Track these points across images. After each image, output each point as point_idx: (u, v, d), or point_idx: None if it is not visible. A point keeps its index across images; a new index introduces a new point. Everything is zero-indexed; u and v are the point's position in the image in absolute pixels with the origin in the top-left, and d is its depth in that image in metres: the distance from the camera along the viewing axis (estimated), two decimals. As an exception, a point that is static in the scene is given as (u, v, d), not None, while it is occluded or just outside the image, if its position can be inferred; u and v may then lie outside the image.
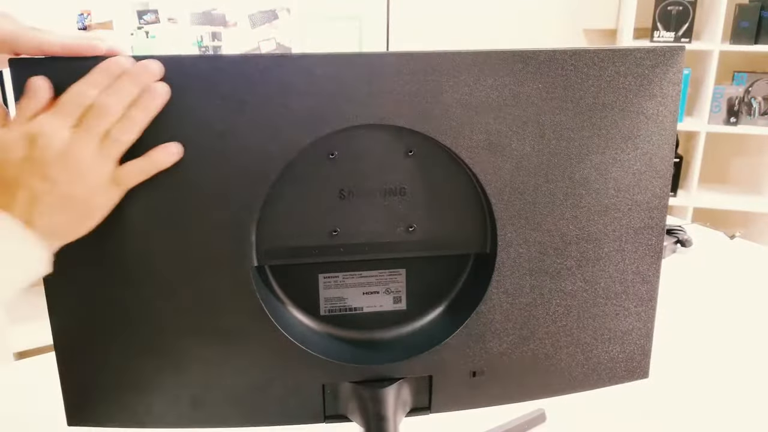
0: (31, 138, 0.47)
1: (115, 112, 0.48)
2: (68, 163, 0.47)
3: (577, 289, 0.59)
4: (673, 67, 0.55)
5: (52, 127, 0.47)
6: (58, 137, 0.47)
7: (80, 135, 0.48)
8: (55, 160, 0.47)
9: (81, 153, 0.47)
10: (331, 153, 0.53)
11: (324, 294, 0.58)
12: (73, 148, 0.47)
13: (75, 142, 0.47)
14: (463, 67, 0.52)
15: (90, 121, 0.48)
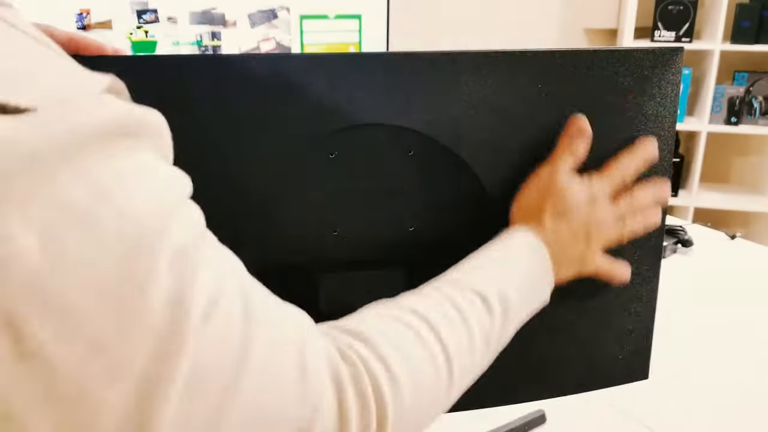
0: (592, 199, 0.54)
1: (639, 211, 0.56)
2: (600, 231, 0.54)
3: (576, 289, 0.59)
4: (672, 67, 0.55)
5: (605, 197, 0.54)
6: (605, 209, 0.54)
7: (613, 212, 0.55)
8: (596, 226, 0.54)
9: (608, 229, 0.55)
10: (331, 153, 0.53)
11: (324, 294, 0.58)
12: (608, 222, 0.54)
13: (609, 218, 0.54)
14: (463, 68, 0.52)
15: (624, 209, 0.55)
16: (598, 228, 0.53)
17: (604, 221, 0.54)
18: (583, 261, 0.54)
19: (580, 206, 0.53)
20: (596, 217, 0.53)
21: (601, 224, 0.54)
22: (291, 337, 0.34)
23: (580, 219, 0.53)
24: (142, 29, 1.93)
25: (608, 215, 0.54)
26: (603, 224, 0.54)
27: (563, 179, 0.53)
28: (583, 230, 0.53)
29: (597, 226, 0.53)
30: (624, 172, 0.55)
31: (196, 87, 0.49)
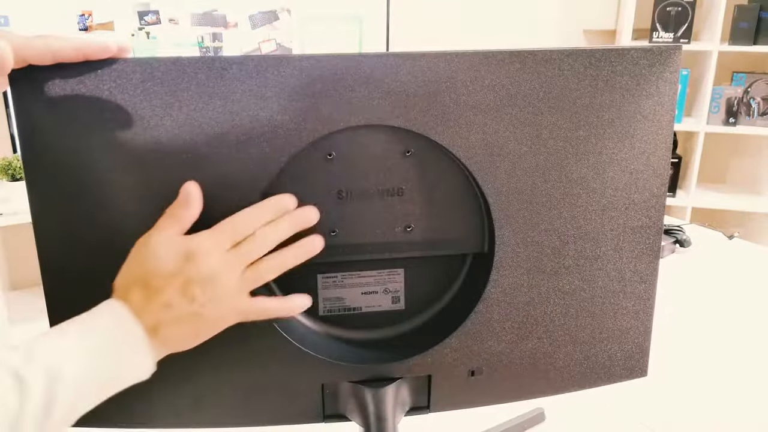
0: (188, 255, 0.49)
1: (269, 247, 0.51)
2: (213, 285, 0.49)
3: (575, 288, 0.59)
4: (669, 66, 0.56)
5: (210, 248, 0.49)
6: (213, 259, 0.49)
7: (230, 261, 0.50)
8: (201, 280, 0.49)
9: (227, 278, 0.50)
10: (329, 153, 0.53)
11: (323, 294, 0.58)
12: (221, 273, 0.49)
13: (224, 267, 0.49)
14: (462, 68, 0.52)
15: (245, 249, 0.50)
16: (202, 285, 0.49)
17: (209, 277, 0.49)
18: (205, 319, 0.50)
19: (170, 263, 0.48)
20: (203, 269, 0.48)
21: (205, 280, 0.49)
22: None
23: (177, 276, 0.48)
24: (144, 31, 1.94)
25: (217, 268, 0.49)
26: (209, 280, 0.49)
27: (152, 242, 0.49)
28: (190, 286, 0.48)
29: (198, 283, 0.48)
30: (244, 225, 0.50)
31: (196, 88, 0.50)
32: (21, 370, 0.42)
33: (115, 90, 0.49)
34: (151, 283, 0.48)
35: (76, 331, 0.46)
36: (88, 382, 0.45)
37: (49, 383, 0.42)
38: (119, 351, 0.47)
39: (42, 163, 0.50)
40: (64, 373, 0.43)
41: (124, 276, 0.50)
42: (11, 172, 1.77)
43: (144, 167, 0.51)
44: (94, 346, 0.46)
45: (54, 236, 0.52)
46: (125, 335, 0.47)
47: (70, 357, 0.44)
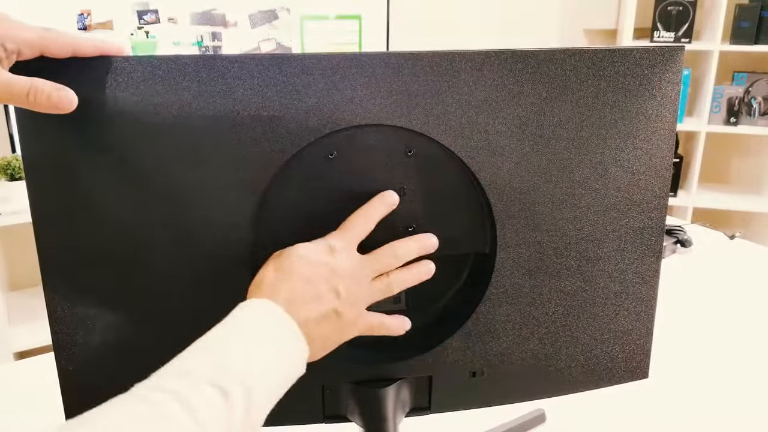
0: (330, 249, 0.51)
1: (399, 263, 0.53)
2: (353, 283, 0.51)
3: (576, 289, 0.59)
4: (672, 66, 0.55)
5: (345, 246, 0.51)
6: (350, 257, 0.51)
7: (363, 264, 0.52)
8: (344, 276, 0.50)
9: (362, 280, 0.51)
10: (331, 153, 0.53)
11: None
12: (358, 272, 0.51)
13: (359, 268, 0.51)
14: (463, 67, 0.52)
15: (376, 258, 0.53)
16: (345, 281, 0.50)
17: (350, 274, 0.50)
18: (343, 320, 0.50)
19: (308, 258, 0.50)
20: (344, 263, 0.50)
21: (347, 276, 0.50)
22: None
23: (313, 271, 0.49)
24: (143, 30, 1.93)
25: (355, 267, 0.51)
26: (350, 277, 0.50)
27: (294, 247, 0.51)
28: (324, 283, 0.49)
29: (342, 279, 0.50)
30: (365, 222, 0.52)
31: (197, 87, 0.49)
32: (219, 381, 0.41)
33: (116, 88, 0.49)
34: (299, 274, 0.49)
35: (241, 336, 0.45)
36: (269, 382, 0.45)
37: (247, 393, 0.42)
38: (281, 347, 0.47)
39: (42, 163, 0.50)
40: (254, 379, 0.43)
41: (264, 279, 0.50)
42: (11, 172, 1.77)
43: (143, 167, 0.50)
44: (265, 345, 0.46)
45: (54, 236, 0.51)
46: (282, 326, 0.47)
47: (249, 360, 0.44)
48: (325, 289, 0.49)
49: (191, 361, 0.43)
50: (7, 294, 1.99)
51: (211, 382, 0.41)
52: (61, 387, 0.55)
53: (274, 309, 0.47)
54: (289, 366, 0.47)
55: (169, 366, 0.43)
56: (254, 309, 0.48)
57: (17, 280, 2.07)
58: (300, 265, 0.50)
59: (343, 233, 0.52)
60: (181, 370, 0.42)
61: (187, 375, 0.41)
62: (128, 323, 0.54)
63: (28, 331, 1.81)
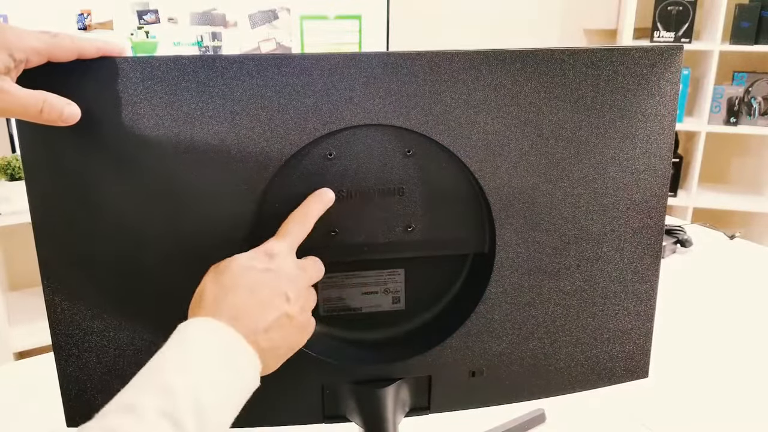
0: (270, 254, 0.49)
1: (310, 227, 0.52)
2: (297, 285, 0.49)
3: (576, 289, 0.59)
4: (671, 66, 0.55)
5: (284, 250, 0.50)
6: (290, 260, 0.50)
7: (300, 266, 0.51)
8: (289, 278, 0.49)
9: (304, 282, 0.50)
10: (330, 153, 0.53)
11: (323, 294, 0.58)
12: (300, 275, 0.50)
13: (300, 271, 0.50)
14: (462, 67, 0.52)
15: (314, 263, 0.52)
16: (290, 284, 0.48)
17: (294, 277, 0.49)
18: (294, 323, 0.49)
19: (248, 267, 0.48)
20: (280, 272, 0.48)
21: (292, 280, 0.49)
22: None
23: (256, 280, 0.47)
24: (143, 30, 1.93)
25: (297, 270, 0.50)
26: (295, 280, 0.49)
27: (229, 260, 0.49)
28: (269, 290, 0.47)
29: (287, 282, 0.48)
30: (303, 224, 0.51)
31: (197, 87, 0.49)
32: (174, 413, 0.39)
33: (115, 89, 0.49)
34: (241, 286, 0.47)
35: (186, 359, 0.43)
36: (222, 402, 0.43)
37: (197, 418, 0.40)
38: (231, 365, 0.44)
39: (42, 164, 0.50)
40: (204, 403, 0.41)
41: (204, 296, 0.47)
42: (11, 172, 1.77)
43: (143, 167, 0.50)
44: (212, 366, 0.43)
45: (54, 237, 0.51)
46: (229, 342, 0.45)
47: (198, 384, 0.41)
48: (271, 296, 0.47)
49: (136, 394, 0.41)
50: (7, 294, 1.99)
51: (161, 413, 0.39)
52: (60, 387, 0.55)
53: (218, 327, 0.45)
54: (241, 383, 0.45)
55: (113, 403, 0.40)
56: (198, 329, 0.45)
57: (17, 280, 2.07)
58: (241, 276, 0.47)
59: (281, 238, 0.50)
60: (126, 404, 0.40)
61: (134, 410, 0.39)
62: (128, 324, 0.54)
63: (28, 331, 1.81)
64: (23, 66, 0.45)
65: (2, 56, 0.43)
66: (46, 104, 0.45)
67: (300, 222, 0.51)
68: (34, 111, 0.45)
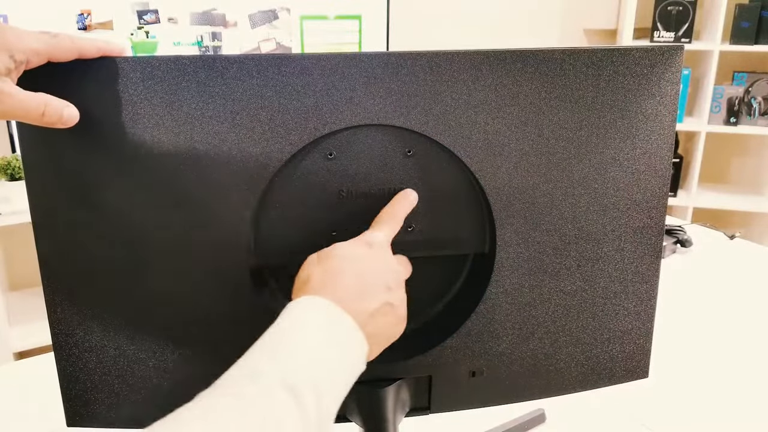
0: (370, 243, 0.50)
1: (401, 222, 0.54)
2: (398, 276, 0.51)
3: (576, 289, 0.59)
4: (671, 66, 0.55)
5: (383, 241, 0.51)
6: (389, 251, 0.51)
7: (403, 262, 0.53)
8: (390, 269, 0.50)
9: (403, 275, 0.52)
10: (330, 153, 0.53)
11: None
12: (399, 267, 0.52)
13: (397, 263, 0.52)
14: (462, 67, 0.52)
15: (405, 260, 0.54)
16: (392, 274, 0.50)
17: (394, 268, 0.50)
18: (396, 313, 0.50)
19: (352, 254, 0.49)
20: (382, 261, 0.50)
21: (393, 270, 0.50)
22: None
23: (361, 267, 0.48)
24: (143, 30, 1.93)
25: (396, 263, 0.51)
26: (395, 271, 0.50)
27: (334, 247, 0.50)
28: (373, 277, 0.49)
29: (389, 272, 0.50)
30: (394, 220, 0.53)
31: (197, 87, 0.49)
32: (295, 386, 0.40)
33: (115, 89, 0.49)
34: (347, 271, 0.48)
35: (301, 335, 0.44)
36: (335, 380, 0.43)
37: (314, 391, 0.41)
38: (342, 344, 0.45)
39: (42, 164, 0.50)
40: (320, 380, 0.41)
41: (311, 278, 0.48)
42: (11, 172, 1.77)
43: (143, 167, 0.50)
44: (325, 343, 0.44)
45: (54, 237, 0.51)
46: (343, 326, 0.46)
47: (315, 360, 0.42)
48: (375, 283, 0.48)
49: (260, 363, 0.41)
50: (7, 294, 1.99)
51: (284, 386, 0.39)
52: (61, 387, 0.55)
53: (328, 305, 0.46)
54: (351, 363, 0.45)
55: (236, 368, 0.41)
56: (309, 308, 0.46)
57: (17, 280, 2.07)
58: (345, 262, 0.49)
59: (377, 230, 0.52)
60: (251, 372, 0.41)
61: (259, 378, 0.40)
62: (128, 323, 0.54)
63: (28, 331, 1.81)
64: (23, 67, 0.45)
65: (3, 57, 0.43)
66: (48, 107, 0.45)
67: (393, 217, 0.53)
68: (35, 114, 0.45)
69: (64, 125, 0.47)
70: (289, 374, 0.40)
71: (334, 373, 0.43)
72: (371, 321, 0.47)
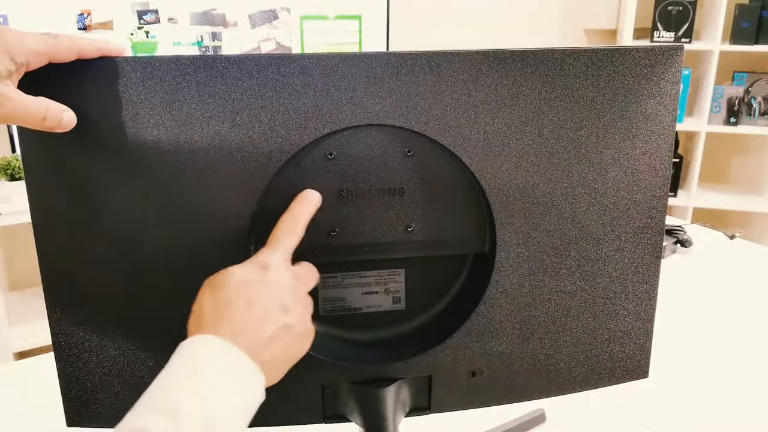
0: (263, 266, 0.49)
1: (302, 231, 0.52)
2: (295, 295, 0.49)
3: (576, 289, 0.59)
4: (671, 66, 0.55)
5: (278, 260, 0.49)
6: (285, 269, 0.49)
7: (302, 273, 0.51)
8: (286, 288, 0.49)
9: (302, 291, 0.50)
10: (330, 153, 0.53)
11: (323, 294, 0.58)
12: (296, 284, 0.50)
13: (294, 280, 0.50)
14: (462, 67, 0.52)
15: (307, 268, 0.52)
16: (287, 295, 0.48)
17: (290, 287, 0.49)
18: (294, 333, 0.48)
19: (242, 280, 0.47)
20: (275, 283, 0.48)
21: (288, 290, 0.48)
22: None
23: (252, 293, 0.47)
24: (143, 30, 1.93)
25: (292, 279, 0.50)
26: (291, 289, 0.49)
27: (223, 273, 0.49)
28: (266, 302, 0.47)
29: (284, 293, 0.48)
30: (293, 230, 0.51)
31: (197, 87, 0.49)
32: (181, 422, 0.39)
33: (115, 89, 0.49)
34: (238, 300, 0.46)
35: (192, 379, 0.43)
36: (230, 420, 0.43)
37: (207, 427, 0.40)
38: (236, 382, 0.44)
39: (42, 164, 0.50)
40: (212, 423, 0.41)
41: (203, 312, 0.47)
42: (11, 172, 1.77)
43: (143, 167, 0.50)
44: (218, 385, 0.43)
45: (54, 237, 0.51)
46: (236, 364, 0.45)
47: (205, 404, 0.41)
48: (268, 308, 0.47)
49: (144, 417, 0.40)
50: (7, 294, 1.99)
51: (172, 423, 0.39)
52: (61, 387, 0.55)
53: (220, 344, 0.45)
54: (247, 398, 0.45)
55: (120, 426, 0.40)
56: (201, 347, 0.45)
57: (17, 280, 2.07)
58: (237, 290, 0.47)
59: (273, 248, 0.50)
60: (134, 428, 0.39)
61: (145, 415, 0.40)
62: (128, 323, 0.54)
63: (28, 331, 1.81)
64: (24, 69, 0.45)
65: (3, 60, 0.43)
66: (48, 112, 0.45)
67: (290, 230, 0.51)
68: (36, 118, 0.45)
69: (63, 129, 0.47)
70: (177, 426, 0.39)
71: (230, 414, 0.42)
72: (267, 348, 0.46)
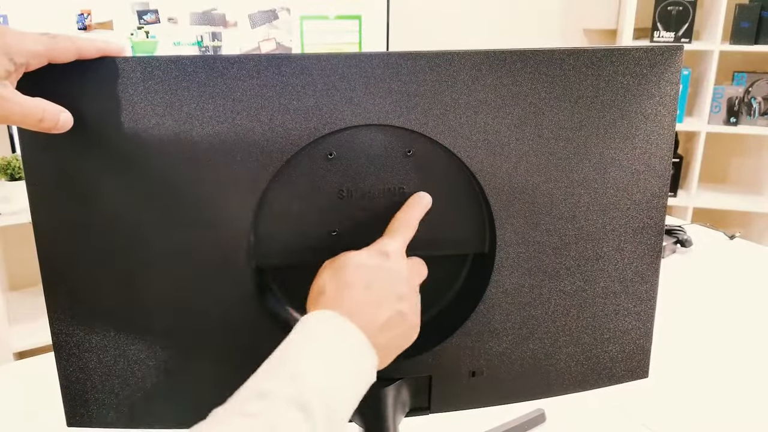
0: (383, 253, 0.50)
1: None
2: (411, 285, 0.51)
3: (576, 289, 0.59)
4: (671, 66, 0.55)
5: (397, 249, 0.51)
6: (403, 260, 0.51)
7: (416, 267, 0.53)
8: (402, 278, 0.50)
9: (415, 282, 0.52)
10: (330, 153, 0.53)
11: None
12: (412, 275, 0.52)
13: (409, 271, 0.51)
14: (462, 67, 0.52)
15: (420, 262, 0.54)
16: (404, 283, 0.50)
17: (407, 277, 0.51)
18: (407, 322, 0.50)
19: (364, 264, 0.49)
20: (395, 271, 0.50)
21: (405, 279, 0.50)
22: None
23: (372, 277, 0.49)
24: (143, 30, 1.94)
25: (409, 270, 0.51)
26: (408, 279, 0.51)
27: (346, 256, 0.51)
28: (384, 288, 0.49)
29: (401, 282, 0.50)
30: (408, 225, 0.53)
31: (197, 87, 0.49)
32: (303, 401, 0.41)
33: (115, 89, 0.49)
34: (358, 282, 0.49)
35: (312, 351, 0.45)
36: (345, 395, 0.44)
37: (325, 406, 0.42)
38: (352, 358, 0.46)
39: (42, 165, 0.50)
40: (330, 392, 0.43)
41: (323, 290, 0.49)
42: (11, 172, 1.77)
43: (143, 167, 0.50)
44: (336, 359, 0.45)
45: (54, 237, 0.51)
46: (353, 341, 0.46)
47: (325, 375, 0.43)
48: (386, 294, 0.49)
49: (268, 380, 0.43)
50: (7, 294, 1.99)
51: (292, 402, 0.40)
52: (61, 387, 0.55)
53: (339, 320, 0.47)
54: (361, 376, 0.46)
55: (245, 388, 0.42)
56: (320, 322, 0.47)
57: (17, 280, 2.07)
58: (357, 272, 0.49)
59: (391, 238, 0.52)
60: (259, 391, 0.42)
61: (267, 396, 0.41)
62: (128, 323, 0.54)
63: (28, 331, 1.81)
64: (23, 69, 0.45)
65: (2, 60, 0.43)
66: (45, 113, 0.46)
67: (406, 223, 0.53)
68: (33, 119, 0.45)
69: (60, 131, 0.47)
70: (299, 391, 0.41)
71: (344, 387, 0.44)
72: (382, 332, 0.48)
